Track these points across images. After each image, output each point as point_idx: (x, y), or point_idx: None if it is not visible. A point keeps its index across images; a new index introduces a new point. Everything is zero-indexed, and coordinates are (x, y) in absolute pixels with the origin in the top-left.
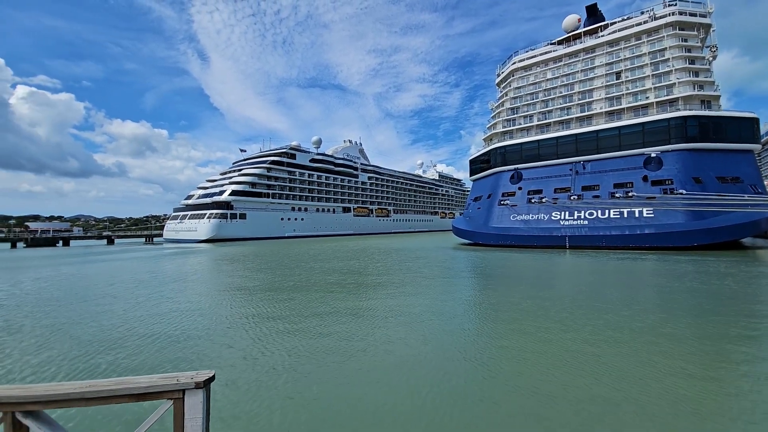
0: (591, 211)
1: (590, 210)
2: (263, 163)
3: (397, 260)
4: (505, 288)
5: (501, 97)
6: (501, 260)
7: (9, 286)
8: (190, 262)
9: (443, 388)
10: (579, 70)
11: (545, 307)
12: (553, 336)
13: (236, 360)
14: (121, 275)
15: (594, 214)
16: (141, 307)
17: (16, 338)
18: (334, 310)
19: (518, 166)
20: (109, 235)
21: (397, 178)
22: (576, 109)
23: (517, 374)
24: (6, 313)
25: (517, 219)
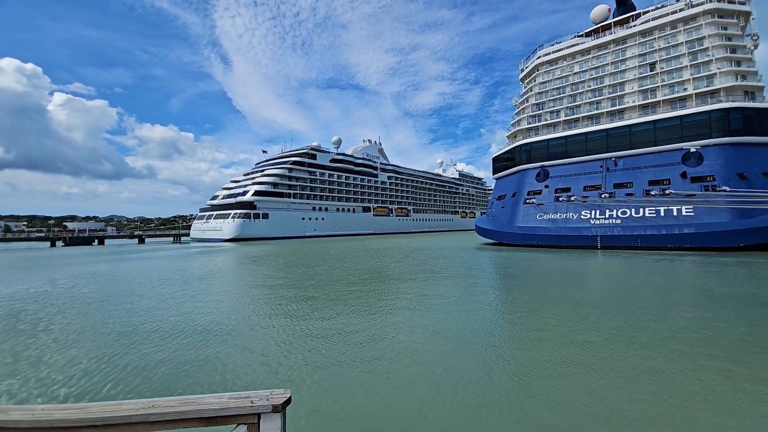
0: (624, 209)
1: (623, 208)
2: (285, 163)
3: (420, 260)
4: (536, 290)
5: (525, 93)
6: (529, 261)
7: (66, 283)
8: (216, 261)
9: (478, 402)
10: (609, 62)
11: (583, 313)
12: (596, 344)
13: (270, 366)
14: (156, 273)
15: (627, 212)
16: (173, 304)
17: (67, 335)
18: (354, 310)
19: (544, 164)
20: (140, 235)
21: (416, 177)
22: (606, 103)
23: (559, 390)
24: (61, 310)
25: (544, 218)
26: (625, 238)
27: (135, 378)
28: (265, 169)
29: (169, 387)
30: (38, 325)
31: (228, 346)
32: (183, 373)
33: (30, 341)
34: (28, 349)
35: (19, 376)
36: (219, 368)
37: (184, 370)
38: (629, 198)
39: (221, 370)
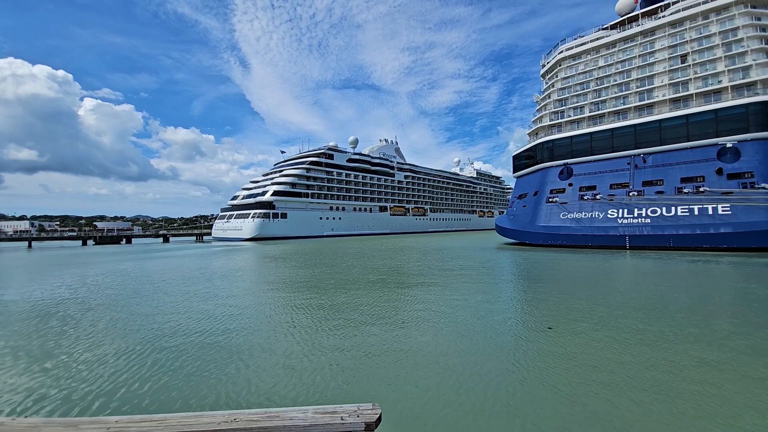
0: (654, 208)
1: (653, 207)
2: (302, 163)
3: (439, 260)
4: (565, 292)
5: (547, 89)
6: (553, 261)
7: (96, 280)
8: (237, 260)
9: (507, 409)
10: (637, 55)
11: (617, 316)
12: (634, 350)
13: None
14: (183, 271)
15: (658, 211)
16: (197, 302)
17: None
18: (374, 310)
19: (568, 161)
20: (164, 234)
21: (433, 176)
22: (634, 98)
23: (596, 399)
24: (110, 305)
25: (568, 217)
26: (656, 237)
27: (163, 376)
28: (283, 169)
29: (196, 385)
30: (68, 322)
31: (251, 346)
32: (206, 373)
33: (61, 339)
34: (59, 347)
35: (51, 374)
36: (242, 369)
37: (207, 368)
38: (660, 196)
39: (244, 371)
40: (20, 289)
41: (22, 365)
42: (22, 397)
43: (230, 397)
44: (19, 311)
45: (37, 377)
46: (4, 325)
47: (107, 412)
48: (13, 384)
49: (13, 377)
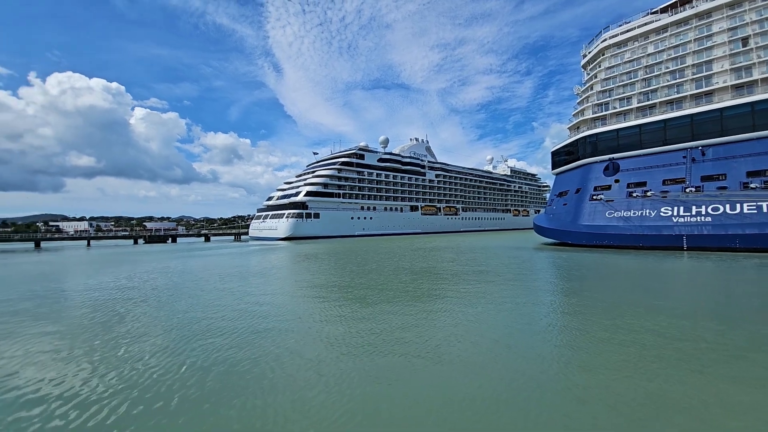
0: (716, 205)
1: (715, 204)
2: (334, 164)
3: (473, 260)
4: (616, 296)
5: (589, 80)
6: (600, 263)
7: (151, 276)
8: (273, 258)
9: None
10: (691, 39)
11: (682, 327)
12: (704, 368)
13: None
14: (229, 269)
15: (720, 209)
16: (232, 299)
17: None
18: (407, 313)
19: (614, 156)
20: (206, 234)
21: (465, 174)
22: (690, 86)
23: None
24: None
25: (615, 216)
26: (719, 238)
27: (191, 377)
28: (315, 170)
29: (223, 387)
30: (114, 317)
31: (280, 348)
32: (234, 375)
33: (106, 334)
34: (103, 341)
35: (97, 363)
36: (268, 373)
37: (235, 370)
38: (722, 192)
39: (270, 375)
40: (78, 284)
41: (64, 355)
42: (56, 387)
43: (257, 402)
44: (74, 305)
45: (77, 367)
46: (61, 316)
47: (134, 411)
48: (53, 371)
49: (56, 363)
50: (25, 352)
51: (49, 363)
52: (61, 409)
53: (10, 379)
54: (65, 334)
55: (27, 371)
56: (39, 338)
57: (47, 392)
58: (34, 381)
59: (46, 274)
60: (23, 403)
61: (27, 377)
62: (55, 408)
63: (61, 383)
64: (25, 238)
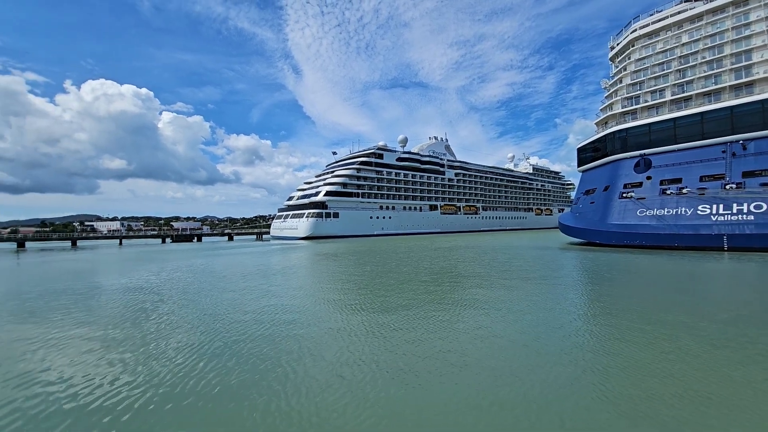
0: (759, 203)
1: (758, 201)
2: (353, 164)
3: (496, 261)
4: (658, 302)
5: (617, 73)
6: (634, 264)
7: (178, 275)
8: (294, 257)
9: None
10: (729, 27)
11: (731, 334)
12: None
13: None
14: (244, 267)
15: (764, 206)
16: (253, 298)
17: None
18: (426, 315)
19: (645, 152)
20: (229, 233)
21: (485, 173)
22: (728, 76)
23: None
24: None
25: (647, 214)
26: (763, 237)
27: (212, 376)
28: (335, 170)
29: (244, 388)
30: (143, 313)
31: (300, 349)
32: (256, 375)
33: (133, 329)
34: (129, 336)
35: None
36: (291, 375)
37: (256, 370)
38: (766, 188)
39: (293, 377)
40: (111, 281)
41: (94, 347)
42: (82, 377)
43: (281, 403)
44: (106, 301)
45: (103, 362)
46: (94, 311)
47: (158, 406)
48: (81, 363)
49: (82, 356)
50: (59, 342)
51: (79, 353)
52: (84, 398)
53: (39, 369)
54: (97, 327)
55: (57, 359)
56: (73, 329)
57: (73, 379)
58: (62, 368)
59: (83, 271)
60: (49, 391)
61: (57, 365)
62: (79, 395)
63: (86, 374)
64: (62, 237)
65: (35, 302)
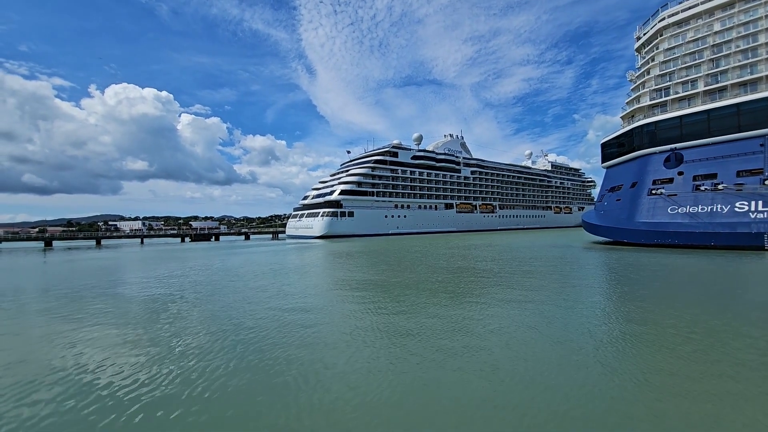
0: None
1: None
2: (367, 162)
3: (516, 260)
4: (697, 304)
5: (644, 64)
6: (667, 265)
7: (196, 274)
8: (310, 256)
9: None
10: (763, 15)
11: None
12: None
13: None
14: (261, 266)
15: None
16: (267, 298)
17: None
18: (442, 318)
19: (676, 146)
20: (246, 232)
21: (502, 170)
22: (765, 66)
23: None
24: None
25: (678, 212)
26: None
27: (217, 384)
28: (349, 168)
29: (250, 393)
30: (162, 312)
31: (312, 351)
32: (262, 379)
33: (154, 326)
34: (143, 335)
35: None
36: (297, 380)
37: (263, 374)
38: None
39: (304, 386)
40: (134, 279)
41: (112, 343)
42: (99, 371)
43: (291, 410)
44: (127, 299)
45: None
46: (114, 308)
47: (170, 404)
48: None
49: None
50: (78, 337)
51: (96, 348)
52: (97, 391)
53: (56, 362)
54: (116, 324)
55: (75, 354)
56: (94, 325)
57: (91, 373)
58: (79, 362)
59: (107, 269)
60: (66, 382)
61: (74, 359)
62: (94, 389)
63: (102, 369)
64: (87, 237)
65: (58, 300)
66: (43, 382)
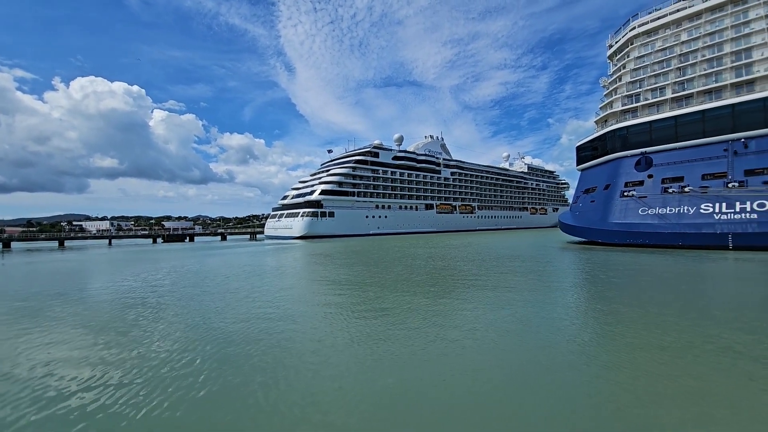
0: (762, 201)
1: (761, 200)
2: (348, 163)
3: (495, 261)
4: (667, 304)
5: (616, 71)
6: (638, 264)
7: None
8: (289, 257)
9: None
10: (728, 26)
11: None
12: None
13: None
14: (239, 268)
15: (767, 205)
16: (246, 302)
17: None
18: (418, 318)
19: (646, 150)
20: (222, 233)
21: (481, 172)
22: (729, 74)
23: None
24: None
25: (649, 213)
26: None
27: (183, 391)
28: (330, 168)
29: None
30: (130, 315)
31: (288, 353)
32: (252, 371)
33: (125, 332)
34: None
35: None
36: (272, 383)
37: (251, 368)
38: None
39: (273, 387)
40: (98, 283)
41: (80, 351)
42: (68, 381)
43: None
44: (93, 304)
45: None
46: (80, 315)
47: (147, 410)
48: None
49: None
50: (44, 346)
51: (65, 358)
52: (68, 402)
53: (23, 374)
54: (83, 331)
55: (39, 365)
56: (55, 334)
57: (54, 384)
58: (43, 372)
59: (70, 273)
60: (31, 395)
61: (39, 370)
62: (59, 399)
63: (69, 378)
64: (50, 237)
65: (19, 304)
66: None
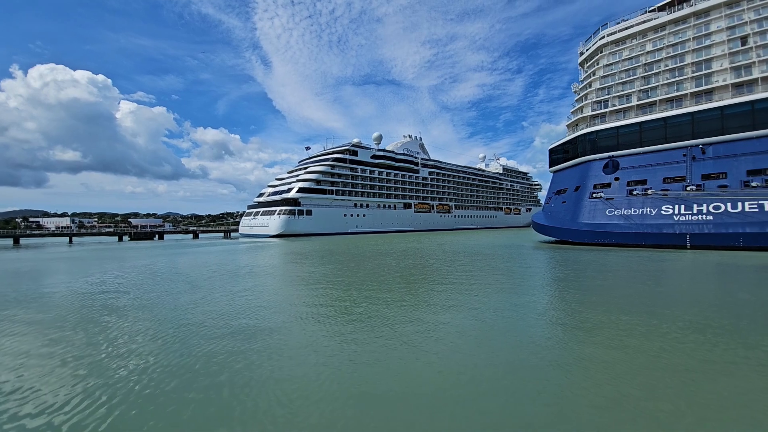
0: (717, 204)
1: (716, 203)
2: (327, 160)
3: (472, 261)
4: (635, 299)
5: (586, 78)
6: (605, 262)
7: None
8: (266, 256)
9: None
10: (690, 37)
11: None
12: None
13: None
14: (211, 268)
15: (722, 207)
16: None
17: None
18: (391, 317)
19: (613, 154)
20: (194, 230)
21: (458, 172)
22: (690, 84)
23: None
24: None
25: (615, 214)
26: (722, 236)
27: (157, 394)
28: (308, 166)
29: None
30: (97, 316)
31: (267, 350)
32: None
33: (90, 335)
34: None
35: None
36: (247, 389)
37: (228, 369)
38: (723, 191)
39: (248, 393)
40: (59, 283)
41: (43, 358)
42: (33, 392)
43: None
44: (54, 306)
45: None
46: (41, 319)
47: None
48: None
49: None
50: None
51: (27, 366)
52: (35, 412)
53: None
54: (45, 337)
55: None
56: (18, 341)
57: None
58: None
59: (26, 273)
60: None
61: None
62: (30, 411)
63: (36, 388)
64: (3, 235)
65: None
66: None
